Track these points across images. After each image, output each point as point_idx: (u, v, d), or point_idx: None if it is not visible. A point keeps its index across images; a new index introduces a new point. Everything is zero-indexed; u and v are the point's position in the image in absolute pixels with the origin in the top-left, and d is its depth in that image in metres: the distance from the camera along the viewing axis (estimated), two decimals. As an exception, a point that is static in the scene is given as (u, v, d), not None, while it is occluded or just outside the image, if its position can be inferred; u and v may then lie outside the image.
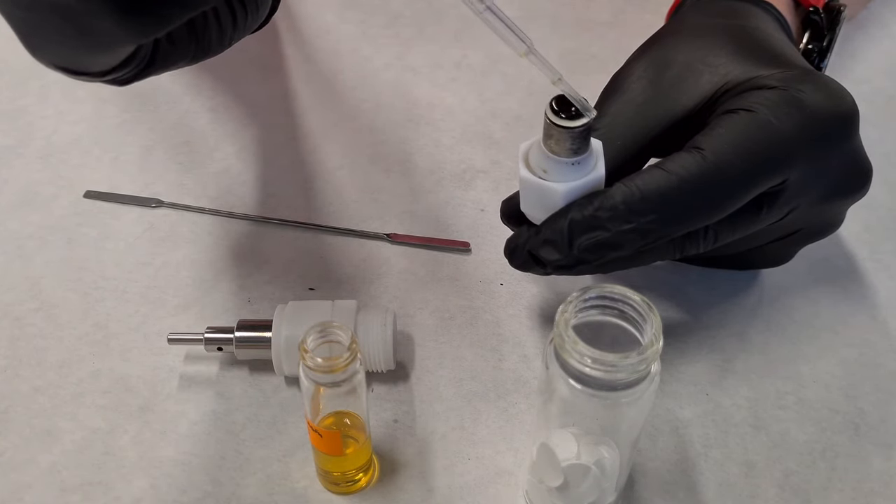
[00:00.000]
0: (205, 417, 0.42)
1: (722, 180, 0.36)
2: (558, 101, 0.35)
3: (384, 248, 0.49)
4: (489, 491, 0.40)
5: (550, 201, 0.37)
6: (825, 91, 0.38)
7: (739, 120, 0.37)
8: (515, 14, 0.66)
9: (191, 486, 0.39)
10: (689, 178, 0.36)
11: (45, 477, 0.40)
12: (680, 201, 0.36)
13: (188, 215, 0.51)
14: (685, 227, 0.37)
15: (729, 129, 0.36)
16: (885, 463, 0.41)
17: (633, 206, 0.36)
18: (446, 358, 0.45)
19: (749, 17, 0.44)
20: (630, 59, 0.43)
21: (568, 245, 0.37)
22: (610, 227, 0.36)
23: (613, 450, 0.37)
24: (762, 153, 0.36)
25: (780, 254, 0.46)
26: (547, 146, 0.36)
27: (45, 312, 0.46)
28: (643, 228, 0.36)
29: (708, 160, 0.36)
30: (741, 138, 0.36)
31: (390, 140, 0.56)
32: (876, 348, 0.46)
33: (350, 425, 0.38)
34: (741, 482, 0.40)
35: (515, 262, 0.40)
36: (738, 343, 0.45)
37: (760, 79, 0.38)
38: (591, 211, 0.36)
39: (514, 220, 0.40)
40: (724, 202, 0.36)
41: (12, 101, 0.58)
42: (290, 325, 0.41)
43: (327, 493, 0.39)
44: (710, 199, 0.36)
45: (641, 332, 0.32)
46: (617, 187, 0.36)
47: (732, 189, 0.36)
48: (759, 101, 0.37)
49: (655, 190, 0.35)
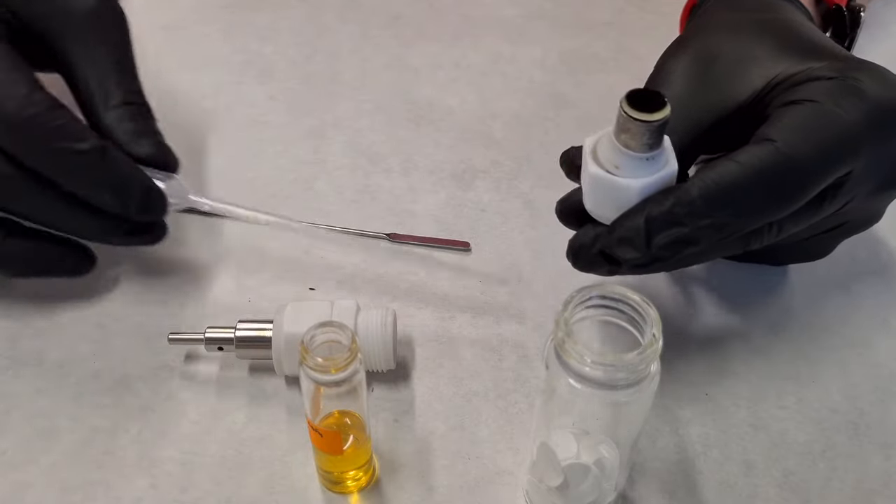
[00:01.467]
0: (205, 417, 0.42)
1: (797, 170, 0.35)
2: (633, 93, 0.33)
3: (384, 248, 0.49)
4: (489, 491, 0.40)
5: (624, 198, 0.36)
6: (882, 80, 0.37)
7: (805, 110, 0.36)
8: (516, 13, 0.66)
9: (191, 486, 0.39)
10: (765, 169, 0.35)
11: (45, 476, 0.40)
12: (757, 193, 0.35)
13: (188, 215, 0.51)
14: (760, 219, 0.36)
15: (797, 119, 0.36)
16: (884, 463, 0.41)
17: (711, 200, 0.35)
18: (446, 358, 0.45)
19: (781, 10, 0.44)
20: (666, 57, 0.42)
21: (646, 243, 0.36)
22: (688, 223, 0.35)
23: (613, 449, 0.37)
24: (833, 143, 0.36)
25: (822, 247, 0.45)
26: (620, 141, 0.34)
27: (45, 312, 0.46)
28: (720, 223, 0.35)
29: (781, 151, 0.35)
30: (811, 128, 0.36)
31: (390, 140, 0.56)
32: (876, 348, 0.46)
33: (350, 425, 0.38)
34: (741, 482, 0.40)
35: (581, 263, 0.39)
36: (737, 343, 0.45)
37: (814, 70, 0.38)
38: (669, 206, 0.35)
39: (575, 220, 0.39)
40: (798, 193, 0.36)
41: (12, 101, 0.58)
42: (290, 325, 0.41)
43: (327, 492, 0.40)
44: (785, 191, 0.36)
45: (641, 331, 0.32)
46: (692, 182, 0.35)
47: (807, 179, 0.36)
48: (820, 91, 0.37)
49: (732, 182, 0.35)
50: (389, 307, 0.42)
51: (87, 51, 0.44)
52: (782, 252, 0.46)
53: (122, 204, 0.41)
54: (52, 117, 0.39)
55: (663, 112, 0.33)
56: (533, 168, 0.54)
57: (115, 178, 0.41)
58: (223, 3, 0.65)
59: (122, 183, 0.41)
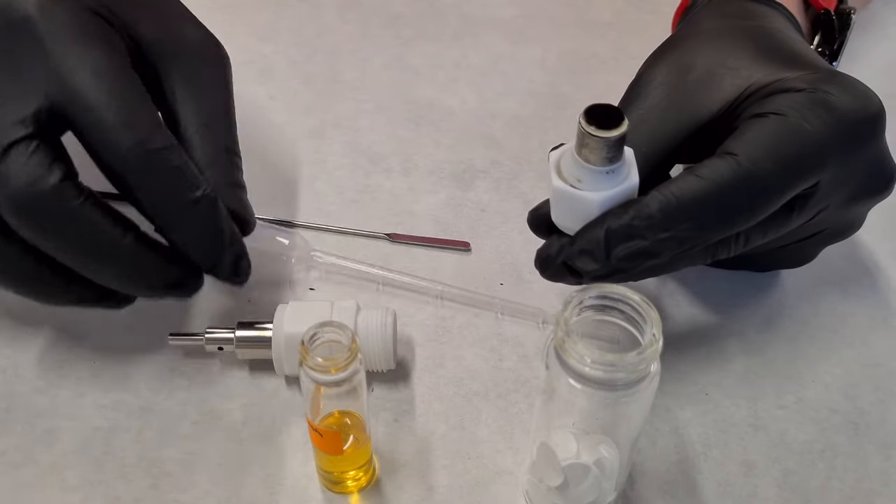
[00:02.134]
0: (205, 417, 0.42)
1: (757, 185, 0.36)
2: (591, 109, 0.34)
3: (384, 248, 0.49)
4: (489, 491, 0.40)
5: (585, 211, 0.36)
6: (852, 92, 0.38)
7: (770, 124, 0.36)
8: (516, 13, 0.66)
9: (191, 486, 0.39)
10: (725, 183, 0.35)
11: (45, 476, 0.40)
12: (716, 207, 0.36)
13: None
14: (721, 232, 0.37)
15: (761, 133, 0.36)
16: (884, 462, 0.41)
17: (670, 214, 0.35)
18: (446, 358, 0.45)
19: (764, 17, 0.44)
20: (647, 65, 0.43)
21: (605, 255, 0.36)
22: (647, 236, 0.36)
23: (613, 449, 0.37)
24: (796, 157, 0.36)
25: (803, 254, 0.45)
26: (581, 155, 0.35)
27: (46, 312, 0.46)
28: (680, 236, 0.36)
29: (742, 165, 0.35)
30: (774, 142, 0.36)
31: (390, 140, 0.56)
32: (875, 348, 0.46)
33: (350, 425, 0.38)
34: (741, 482, 0.40)
35: (547, 273, 0.40)
36: (737, 343, 0.46)
37: (786, 81, 0.38)
38: (628, 220, 0.36)
39: (544, 230, 0.40)
40: (759, 207, 0.36)
41: (12, 101, 0.58)
42: (290, 325, 0.41)
43: (327, 492, 0.40)
44: (746, 205, 0.36)
45: (641, 331, 0.32)
46: (653, 195, 0.36)
47: (768, 194, 0.36)
48: (787, 104, 0.37)
49: (691, 197, 0.35)
50: (389, 307, 0.42)
51: (194, 87, 0.42)
52: (764, 259, 0.46)
53: (213, 258, 0.39)
54: (171, 157, 0.37)
55: (621, 128, 0.34)
56: (533, 168, 0.54)
57: (216, 233, 0.38)
58: (223, 3, 0.65)
59: (222, 239, 0.39)
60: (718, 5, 0.45)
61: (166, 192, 0.37)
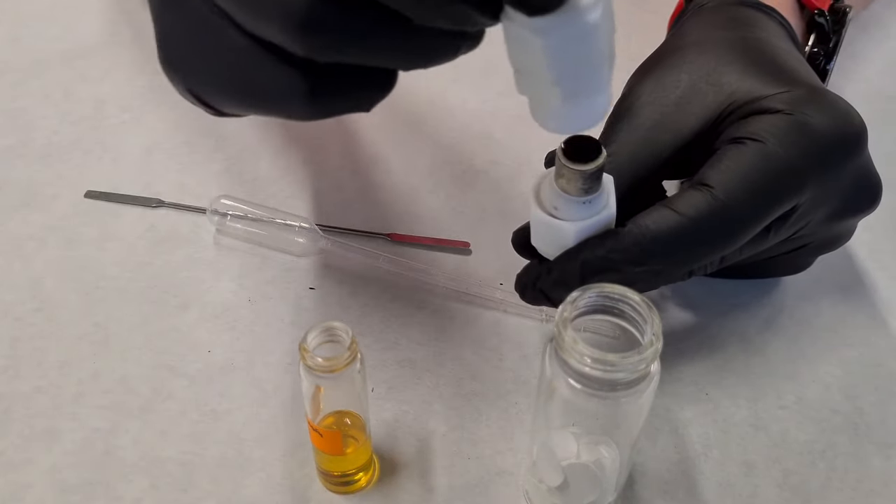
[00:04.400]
0: (205, 417, 0.42)
1: (734, 217, 0.36)
2: (570, 141, 0.34)
3: (384, 248, 0.49)
4: (489, 491, 0.40)
5: (561, 239, 0.37)
6: (831, 113, 0.38)
7: (747, 151, 0.37)
8: (515, 14, 0.66)
9: (191, 486, 0.39)
10: (700, 218, 0.36)
11: (45, 477, 0.40)
12: (692, 242, 0.36)
13: (188, 215, 0.51)
14: (697, 263, 0.37)
15: (736, 162, 0.36)
16: (884, 463, 0.41)
17: (646, 248, 0.36)
18: (446, 358, 0.45)
19: (754, 26, 0.44)
20: (633, 81, 0.43)
21: (580, 285, 0.36)
22: (623, 269, 0.36)
23: (613, 450, 0.37)
24: (772, 186, 0.36)
25: (795, 265, 0.46)
26: (559, 185, 0.35)
27: (46, 312, 0.46)
28: (655, 269, 0.36)
29: (718, 199, 0.36)
30: (750, 173, 0.36)
31: (390, 140, 0.56)
32: (876, 348, 0.46)
33: (350, 425, 0.38)
34: (741, 482, 0.40)
35: (526, 299, 0.40)
36: (737, 343, 0.46)
37: (765, 101, 0.38)
38: (603, 252, 0.36)
39: (527, 251, 0.40)
40: (736, 238, 0.37)
41: (12, 101, 0.58)
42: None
43: (327, 493, 0.40)
44: (721, 237, 0.36)
45: (641, 331, 0.32)
46: (629, 229, 0.36)
47: (745, 224, 0.36)
48: (765, 128, 0.37)
49: (667, 231, 0.36)
50: None
51: None
52: (757, 269, 0.46)
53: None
54: None
55: (597, 161, 0.34)
56: (533, 168, 0.54)
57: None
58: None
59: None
60: (709, 13, 0.45)
61: None
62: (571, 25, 0.29)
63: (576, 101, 0.31)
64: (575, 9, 0.29)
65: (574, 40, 0.30)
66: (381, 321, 0.46)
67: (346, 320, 0.35)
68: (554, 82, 0.30)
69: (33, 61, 0.61)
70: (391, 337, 0.45)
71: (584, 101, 0.32)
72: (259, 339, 0.45)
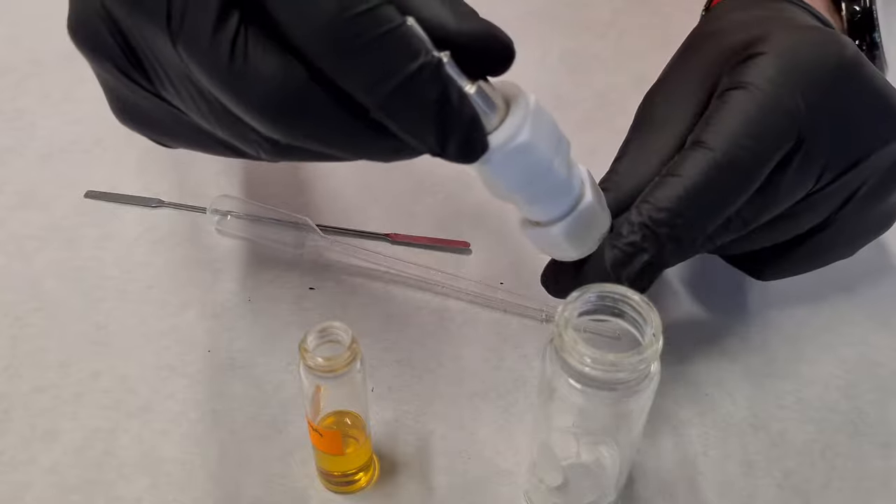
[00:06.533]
0: (205, 417, 0.42)
1: (733, 165, 0.36)
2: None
3: (384, 249, 0.49)
4: (489, 491, 0.40)
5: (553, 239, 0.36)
6: (814, 44, 0.38)
7: (733, 100, 0.37)
8: (516, 13, 0.66)
9: (191, 486, 0.39)
10: (701, 174, 0.36)
11: (45, 476, 0.40)
12: (701, 200, 0.36)
13: (188, 215, 0.51)
14: (717, 216, 0.37)
15: (726, 112, 0.37)
16: (884, 462, 0.41)
17: (659, 220, 0.36)
18: (446, 358, 0.45)
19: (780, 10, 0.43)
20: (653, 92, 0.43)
21: (617, 280, 0.36)
22: (646, 247, 0.36)
23: (613, 449, 0.37)
24: (764, 126, 0.36)
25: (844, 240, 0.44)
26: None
27: (46, 312, 0.46)
28: (676, 235, 0.36)
29: (713, 152, 0.36)
30: (739, 119, 0.36)
31: (390, 140, 0.56)
32: (875, 348, 0.46)
33: (350, 425, 0.38)
34: (741, 482, 0.40)
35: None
36: (737, 343, 0.46)
37: (749, 49, 0.38)
38: (624, 241, 0.36)
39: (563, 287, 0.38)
40: (744, 184, 0.37)
41: (12, 100, 0.58)
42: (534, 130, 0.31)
43: (327, 492, 0.40)
44: (730, 187, 0.36)
45: (641, 331, 0.32)
46: (635, 209, 0.36)
47: (746, 169, 0.36)
48: (748, 74, 0.37)
49: (675, 198, 0.36)
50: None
51: None
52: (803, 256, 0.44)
53: (437, 143, 0.29)
54: (379, 20, 0.27)
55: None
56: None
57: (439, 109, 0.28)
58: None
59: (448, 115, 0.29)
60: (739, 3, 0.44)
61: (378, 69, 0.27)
62: (503, 156, 0.31)
63: (540, 204, 0.34)
64: (499, 144, 0.30)
65: (511, 163, 0.31)
66: (381, 321, 0.46)
67: (346, 320, 0.35)
68: (510, 192, 0.33)
69: (33, 61, 0.61)
70: (391, 337, 0.45)
71: (547, 203, 0.34)
72: (259, 339, 0.45)
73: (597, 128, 0.56)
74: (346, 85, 0.28)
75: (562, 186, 0.34)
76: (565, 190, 0.34)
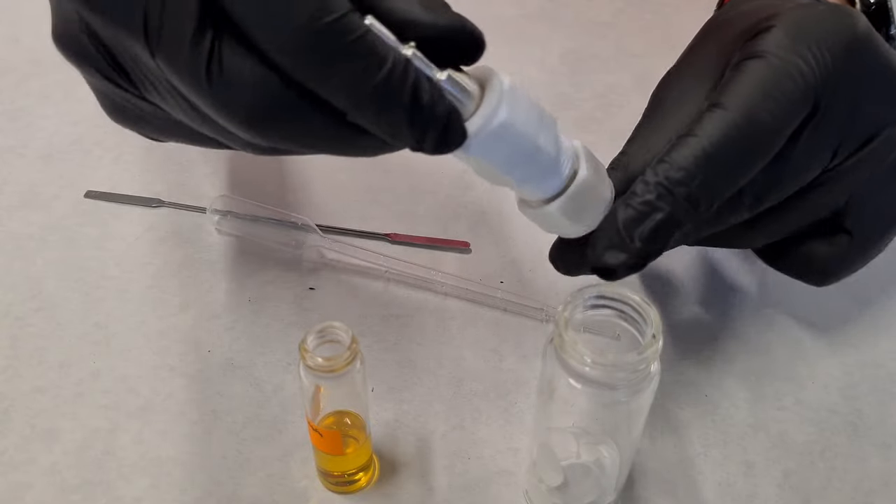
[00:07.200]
0: (205, 417, 0.42)
1: (754, 128, 0.36)
2: None
3: (384, 249, 0.49)
4: (489, 491, 0.40)
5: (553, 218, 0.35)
6: (831, 18, 0.38)
7: (749, 67, 0.37)
8: (516, 13, 0.66)
9: (191, 486, 0.39)
10: (719, 134, 0.36)
11: (45, 476, 0.40)
12: (718, 159, 0.36)
13: (188, 215, 0.51)
14: (734, 178, 0.36)
15: (744, 76, 0.37)
16: (883, 463, 0.41)
17: (674, 179, 0.35)
18: (446, 358, 0.45)
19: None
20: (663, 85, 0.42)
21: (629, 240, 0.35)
22: (661, 207, 0.35)
23: (613, 449, 0.37)
24: (783, 95, 0.36)
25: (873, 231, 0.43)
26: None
27: (46, 312, 0.46)
28: (693, 195, 0.35)
29: (735, 116, 0.36)
30: (756, 83, 0.36)
31: (390, 140, 0.56)
32: (875, 348, 0.46)
33: (350, 425, 0.38)
34: (741, 482, 0.40)
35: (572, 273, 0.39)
36: (737, 344, 0.46)
37: (763, 23, 0.38)
38: (639, 200, 0.35)
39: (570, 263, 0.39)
40: (762, 146, 0.36)
41: (13, 101, 0.58)
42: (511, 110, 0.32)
43: (327, 492, 0.40)
44: (748, 148, 0.36)
45: (641, 331, 0.32)
46: (650, 169, 0.36)
47: (767, 132, 0.36)
48: (767, 43, 0.37)
49: (693, 158, 0.35)
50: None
51: None
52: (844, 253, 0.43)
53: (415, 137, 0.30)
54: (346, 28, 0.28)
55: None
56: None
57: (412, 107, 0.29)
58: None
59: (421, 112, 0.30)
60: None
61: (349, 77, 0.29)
62: (482, 139, 0.31)
63: (532, 183, 0.34)
64: (477, 130, 0.31)
65: (492, 146, 0.31)
66: (381, 321, 0.46)
67: (345, 320, 0.35)
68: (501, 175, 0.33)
69: (33, 61, 0.61)
70: (391, 337, 0.45)
71: (540, 181, 0.34)
72: (259, 339, 0.45)
73: (597, 128, 0.56)
74: (321, 93, 0.29)
75: (551, 163, 0.33)
76: (556, 166, 0.33)
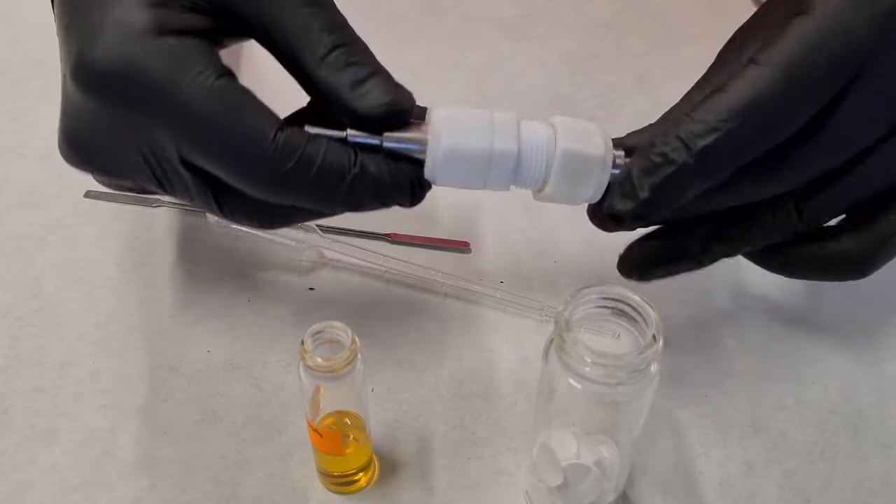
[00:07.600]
0: (205, 417, 0.42)
1: (788, 87, 0.34)
2: None
3: (384, 249, 0.49)
4: (489, 491, 0.40)
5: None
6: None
7: (796, 26, 0.35)
8: (516, 14, 0.66)
9: (191, 486, 0.39)
10: (751, 91, 0.34)
11: (45, 476, 0.40)
12: (746, 116, 0.34)
13: (188, 215, 0.51)
14: (759, 140, 0.35)
15: (787, 37, 0.35)
16: (883, 463, 0.41)
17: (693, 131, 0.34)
18: (446, 358, 0.45)
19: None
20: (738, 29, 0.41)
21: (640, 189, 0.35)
22: (675, 158, 0.34)
23: (613, 450, 0.37)
24: (825, 55, 0.34)
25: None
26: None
27: (46, 312, 0.46)
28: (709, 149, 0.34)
29: (768, 72, 0.34)
30: (800, 44, 0.34)
31: (390, 140, 0.56)
32: (875, 349, 0.46)
33: (350, 425, 0.38)
34: (741, 482, 0.40)
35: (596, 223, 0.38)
36: (737, 344, 0.46)
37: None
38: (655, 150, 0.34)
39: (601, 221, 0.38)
40: (794, 107, 0.34)
41: (13, 101, 0.58)
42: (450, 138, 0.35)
43: (327, 493, 0.40)
44: (777, 108, 0.34)
45: (641, 332, 0.32)
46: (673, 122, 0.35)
47: (801, 92, 0.34)
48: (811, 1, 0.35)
49: (716, 111, 0.34)
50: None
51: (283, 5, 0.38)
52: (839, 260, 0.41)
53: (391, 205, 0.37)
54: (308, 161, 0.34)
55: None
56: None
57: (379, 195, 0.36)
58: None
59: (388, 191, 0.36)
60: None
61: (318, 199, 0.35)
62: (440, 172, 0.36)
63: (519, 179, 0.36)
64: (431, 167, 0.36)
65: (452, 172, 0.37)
66: (381, 321, 0.46)
67: (345, 320, 0.35)
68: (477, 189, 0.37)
69: (33, 61, 0.61)
70: (391, 337, 0.45)
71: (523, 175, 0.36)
72: (259, 339, 0.45)
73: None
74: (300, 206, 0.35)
75: (517, 158, 0.35)
76: (526, 158, 0.35)
